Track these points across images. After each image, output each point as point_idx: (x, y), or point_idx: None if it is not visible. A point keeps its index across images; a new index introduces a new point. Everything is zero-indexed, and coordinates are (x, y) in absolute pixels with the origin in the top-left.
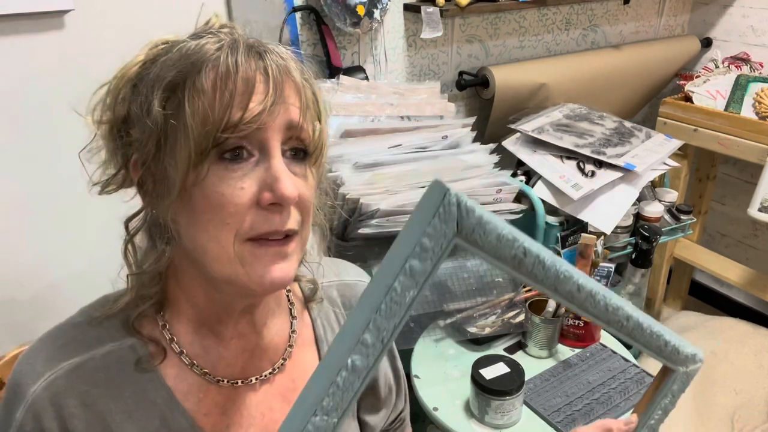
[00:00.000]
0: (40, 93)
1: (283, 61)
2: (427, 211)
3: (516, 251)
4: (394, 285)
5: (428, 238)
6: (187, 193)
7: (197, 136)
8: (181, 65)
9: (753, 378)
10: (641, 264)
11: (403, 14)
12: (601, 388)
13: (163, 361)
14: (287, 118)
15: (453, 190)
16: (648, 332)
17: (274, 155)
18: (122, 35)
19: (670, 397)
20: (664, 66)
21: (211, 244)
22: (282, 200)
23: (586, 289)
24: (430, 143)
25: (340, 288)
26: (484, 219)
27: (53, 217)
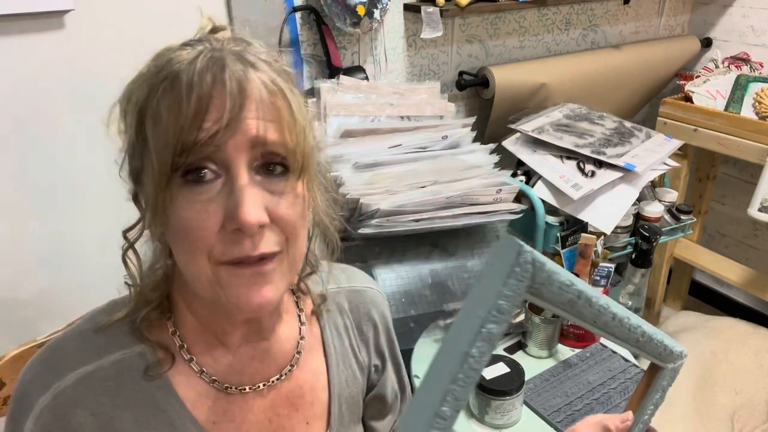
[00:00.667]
0: (40, 93)
1: (246, 71)
2: (501, 271)
3: (572, 295)
4: (471, 352)
5: (504, 299)
6: (165, 214)
7: (158, 159)
8: (150, 84)
9: (753, 378)
10: (641, 264)
11: (403, 14)
12: (601, 388)
13: (171, 367)
14: (249, 134)
15: (527, 247)
16: (655, 342)
17: (237, 177)
18: (122, 35)
19: (661, 392)
20: (664, 66)
21: (190, 266)
22: (243, 228)
23: (618, 317)
24: (430, 143)
25: (349, 295)
26: (552, 271)
27: (53, 216)
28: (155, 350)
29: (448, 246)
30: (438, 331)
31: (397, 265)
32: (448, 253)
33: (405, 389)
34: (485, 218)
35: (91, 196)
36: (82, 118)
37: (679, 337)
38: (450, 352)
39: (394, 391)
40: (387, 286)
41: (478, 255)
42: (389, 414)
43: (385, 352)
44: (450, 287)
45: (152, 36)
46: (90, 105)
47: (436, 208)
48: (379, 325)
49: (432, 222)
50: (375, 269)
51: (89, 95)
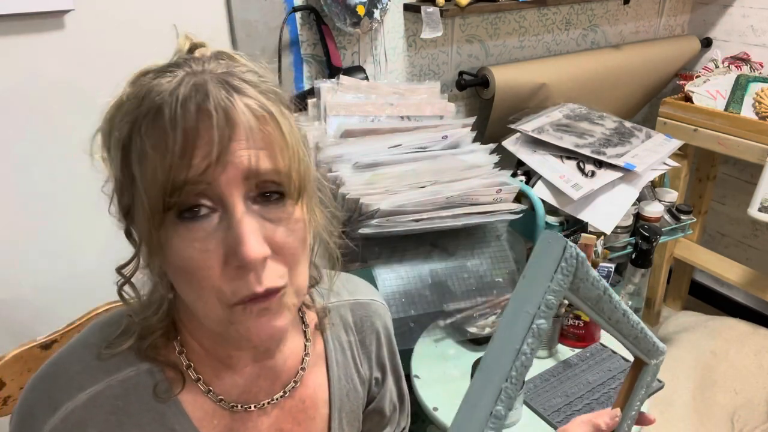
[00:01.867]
0: (40, 93)
1: (231, 98)
2: (547, 266)
3: (599, 291)
4: (523, 348)
5: (552, 294)
6: (162, 251)
7: (149, 199)
8: (131, 118)
9: (753, 378)
10: (641, 264)
11: (403, 14)
12: (601, 388)
13: (182, 389)
14: (242, 167)
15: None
16: (648, 338)
17: (234, 211)
18: (122, 35)
19: (645, 388)
20: (664, 66)
21: (198, 304)
22: (246, 264)
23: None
24: (430, 143)
25: (353, 307)
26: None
27: (53, 217)
28: (163, 369)
29: (448, 246)
30: (438, 330)
31: (397, 265)
32: (448, 253)
33: (404, 400)
34: (485, 218)
35: (90, 196)
36: (82, 119)
37: (679, 337)
38: (501, 350)
39: (393, 403)
40: (387, 286)
41: (478, 255)
42: (387, 426)
43: (387, 364)
44: (450, 287)
45: (152, 36)
46: (90, 105)
47: (436, 208)
48: (381, 338)
49: (432, 222)
50: (375, 269)
51: (89, 95)
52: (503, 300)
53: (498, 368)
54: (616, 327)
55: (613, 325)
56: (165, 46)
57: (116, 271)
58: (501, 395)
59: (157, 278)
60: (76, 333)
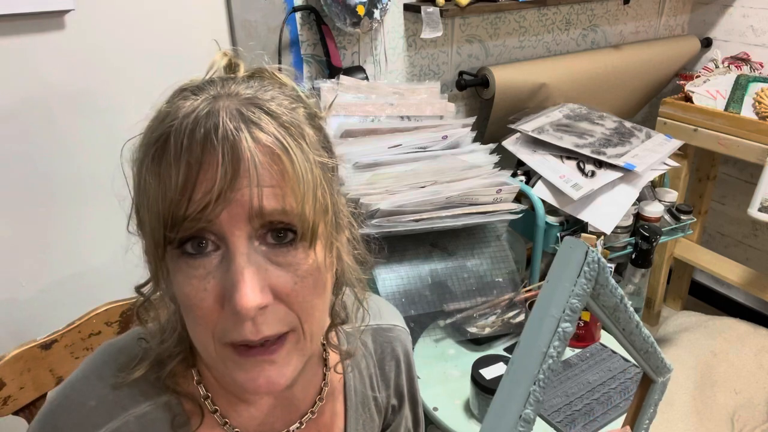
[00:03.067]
0: (40, 93)
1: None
2: (571, 270)
3: (617, 299)
4: (549, 351)
5: (576, 298)
6: (168, 281)
7: (151, 230)
8: (146, 144)
9: (753, 378)
10: (641, 264)
11: (403, 14)
12: (601, 388)
13: (200, 424)
14: (246, 205)
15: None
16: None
17: (235, 254)
18: (122, 35)
19: (653, 406)
20: (664, 66)
21: (195, 340)
22: (238, 314)
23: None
24: (430, 143)
25: (375, 333)
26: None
27: (53, 217)
28: (181, 401)
29: (448, 246)
30: (438, 330)
31: (397, 265)
32: (448, 253)
33: (419, 427)
34: (485, 218)
35: (91, 196)
36: (82, 118)
37: (679, 337)
38: (528, 354)
39: (408, 429)
40: (387, 286)
41: (478, 255)
42: None
43: (404, 391)
44: (450, 287)
45: (152, 36)
46: (90, 105)
47: (436, 208)
48: (402, 364)
49: (432, 222)
50: (375, 269)
51: (89, 95)
52: (503, 300)
53: (526, 372)
54: (629, 339)
55: (627, 337)
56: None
57: (135, 290)
58: (530, 398)
59: (171, 302)
60: (76, 333)
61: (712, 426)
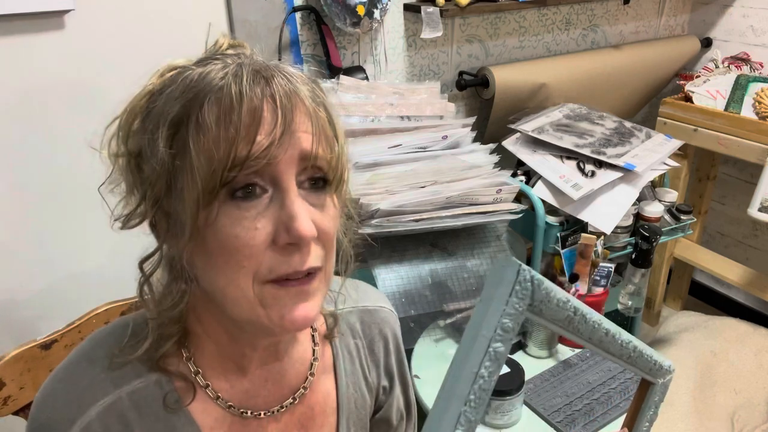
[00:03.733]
0: (40, 93)
1: (292, 84)
2: (502, 290)
3: (568, 312)
4: (480, 372)
5: (508, 318)
6: (200, 235)
7: (204, 175)
8: (185, 98)
9: (753, 378)
10: (641, 264)
11: (403, 14)
12: (601, 388)
13: (192, 400)
14: (300, 148)
15: (524, 266)
16: (646, 357)
17: (288, 191)
18: (122, 35)
19: (654, 408)
20: (664, 66)
21: (230, 288)
22: (299, 241)
23: (610, 332)
24: (430, 143)
25: (361, 314)
26: (548, 288)
27: (53, 216)
28: (172, 379)
29: (448, 246)
30: (438, 330)
31: (397, 265)
32: (448, 253)
33: (411, 409)
34: (485, 218)
35: (91, 196)
36: (82, 118)
37: (679, 337)
38: (459, 374)
39: (400, 411)
40: (387, 286)
41: (478, 255)
42: None
43: (394, 372)
44: (450, 287)
45: (152, 36)
46: (90, 105)
47: (436, 208)
48: (390, 345)
49: (432, 222)
50: (375, 269)
51: (89, 95)
52: None
53: (457, 392)
54: (601, 346)
55: (597, 345)
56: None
57: (138, 266)
58: (460, 419)
59: (177, 270)
60: (76, 333)
61: (712, 426)
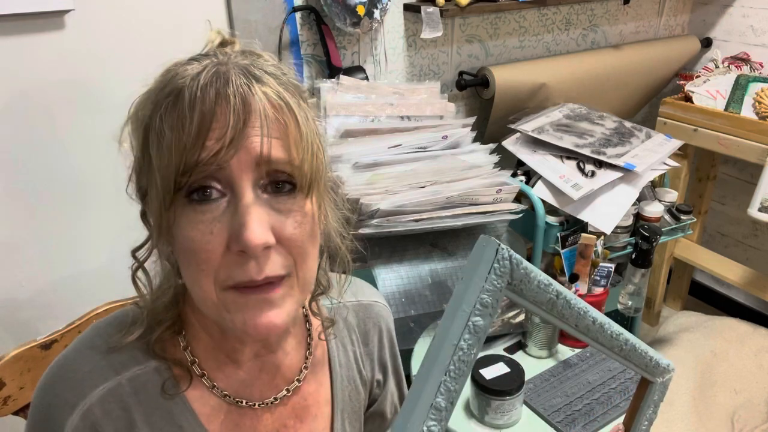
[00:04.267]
0: (40, 93)
1: (250, 86)
2: (482, 267)
3: (551, 295)
4: (460, 344)
5: (487, 293)
6: (170, 234)
7: (161, 178)
8: (155, 100)
9: (753, 378)
10: (641, 264)
11: (403, 14)
12: (601, 388)
13: (189, 386)
14: (254, 152)
15: (503, 245)
16: (639, 351)
17: (242, 196)
18: (122, 35)
19: (653, 407)
20: (664, 66)
21: (195, 289)
22: (248, 250)
23: (597, 321)
24: (430, 143)
25: (356, 309)
26: (529, 269)
27: (53, 216)
28: (170, 367)
29: (448, 246)
30: None
31: (397, 265)
32: (448, 253)
33: None
34: (485, 218)
35: (90, 196)
36: (82, 118)
37: (679, 337)
38: (440, 346)
39: (394, 405)
40: (387, 286)
41: None
42: (388, 429)
43: (388, 366)
44: (450, 287)
45: (152, 36)
46: (90, 105)
47: (436, 208)
48: (384, 339)
49: (432, 222)
50: (375, 269)
51: (89, 95)
52: (503, 300)
53: (438, 363)
54: (589, 334)
55: (585, 333)
56: (165, 46)
57: (131, 254)
58: (440, 388)
59: (166, 262)
60: (76, 333)
61: (712, 426)
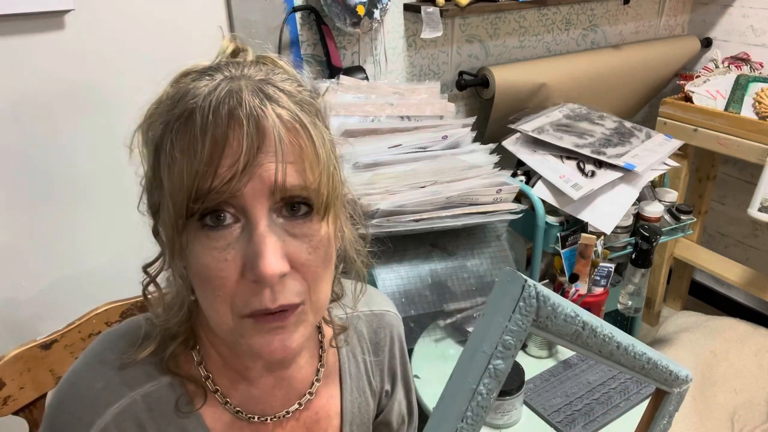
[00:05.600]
0: (40, 93)
1: (263, 108)
2: (505, 305)
3: (577, 327)
4: (479, 389)
5: (510, 334)
6: (183, 255)
7: (173, 203)
8: (166, 120)
9: (753, 378)
10: (641, 264)
11: (403, 14)
12: (601, 388)
13: (204, 404)
14: (267, 180)
15: (530, 281)
16: (660, 368)
17: (257, 224)
18: (122, 35)
19: (668, 417)
20: (664, 66)
21: (211, 313)
22: (262, 280)
23: (622, 345)
24: (430, 143)
25: (368, 319)
26: (556, 304)
27: (53, 217)
28: (184, 383)
29: (448, 246)
30: (438, 330)
31: (397, 265)
32: (448, 253)
33: (413, 413)
34: (485, 218)
35: (91, 196)
36: (82, 118)
37: (679, 337)
38: (457, 389)
39: (401, 415)
40: (387, 286)
41: (478, 255)
42: None
43: (398, 375)
44: (450, 287)
45: (152, 36)
46: (90, 105)
47: (436, 208)
48: (395, 349)
49: (432, 222)
50: (375, 269)
51: (89, 95)
52: None
53: (454, 407)
54: (612, 359)
55: (608, 357)
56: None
57: (142, 270)
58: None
59: (179, 279)
60: (76, 333)
61: (712, 426)
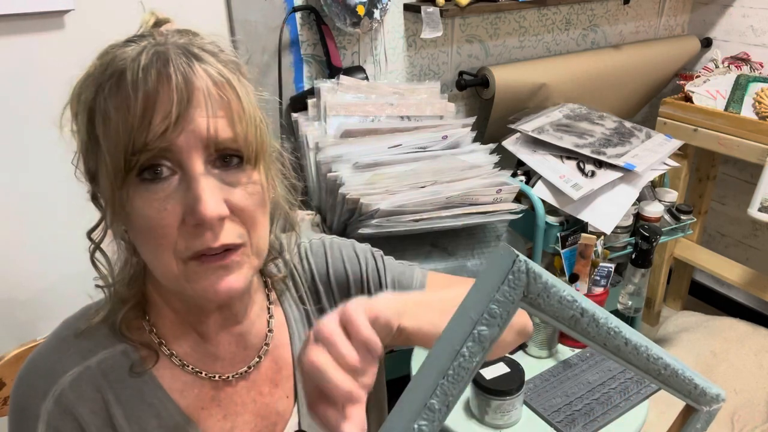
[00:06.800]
0: (40, 93)
1: (190, 65)
2: (495, 276)
3: (574, 312)
4: (462, 350)
5: (497, 304)
6: (124, 212)
7: (111, 159)
8: (98, 82)
9: (753, 378)
10: (641, 264)
11: (403, 14)
12: (601, 388)
13: (155, 364)
14: (199, 132)
15: (522, 257)
16: (681, 378)
17: (193, 173)
18: (122, 35)
19: None
20: (664, 66)
21: (155, 263)
22: (204, 222)
23: (631, 342)
24: (430, 143)
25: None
26: (549, 283)
27: (53, 217)
28: (137, 349)
29: (448, 246)
30: None
31: None
32: (448, 253)
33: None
34: (485, 218)
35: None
36: None
37: (679, 337)
38: (442, 349)
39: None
40: None
41: (478, 255)
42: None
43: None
44: None
45: None
46: None
47: (436, 208)
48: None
49: (432, 222)
50: None
51: None
52: None
53: (437, 365)
54: (620, 355)
55: (616, 353)
56: None
57: (87, 236)
58: (436, 390)
59: (121, 242)
60: None
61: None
